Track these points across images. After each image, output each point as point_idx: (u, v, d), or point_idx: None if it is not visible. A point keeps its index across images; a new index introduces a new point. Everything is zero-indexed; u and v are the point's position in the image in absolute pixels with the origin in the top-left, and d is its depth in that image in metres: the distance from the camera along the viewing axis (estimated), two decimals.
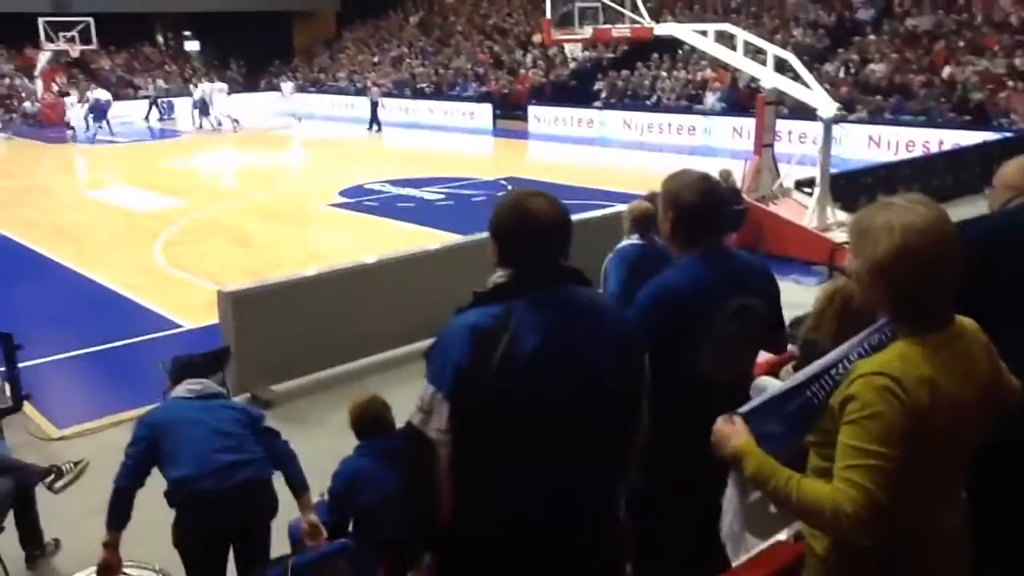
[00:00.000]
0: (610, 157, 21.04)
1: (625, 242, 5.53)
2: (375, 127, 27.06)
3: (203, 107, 28.48)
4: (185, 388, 4.08)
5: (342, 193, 16.34)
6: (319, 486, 4.11)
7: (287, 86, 28.34)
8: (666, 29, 13.28)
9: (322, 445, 6.03)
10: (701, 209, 2.82)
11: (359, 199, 15.70)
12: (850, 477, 1.91)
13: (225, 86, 30.61)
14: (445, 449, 2.09)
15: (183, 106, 30.76)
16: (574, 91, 26.01)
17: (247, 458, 3.74)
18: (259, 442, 3.86)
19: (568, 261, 2.26)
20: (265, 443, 3.89)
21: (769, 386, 3.85)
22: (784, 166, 12.02)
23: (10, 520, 4.71)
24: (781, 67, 11.61)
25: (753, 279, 2.93)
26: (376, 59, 35.92)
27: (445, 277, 8.04)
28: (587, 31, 13.20)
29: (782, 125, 15.03)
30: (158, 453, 3.77)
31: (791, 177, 12.03)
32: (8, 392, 6.51)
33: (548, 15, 13.20)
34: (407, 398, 4.12)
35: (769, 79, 11.46)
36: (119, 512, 3.72)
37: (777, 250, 10.17)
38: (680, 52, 24.72)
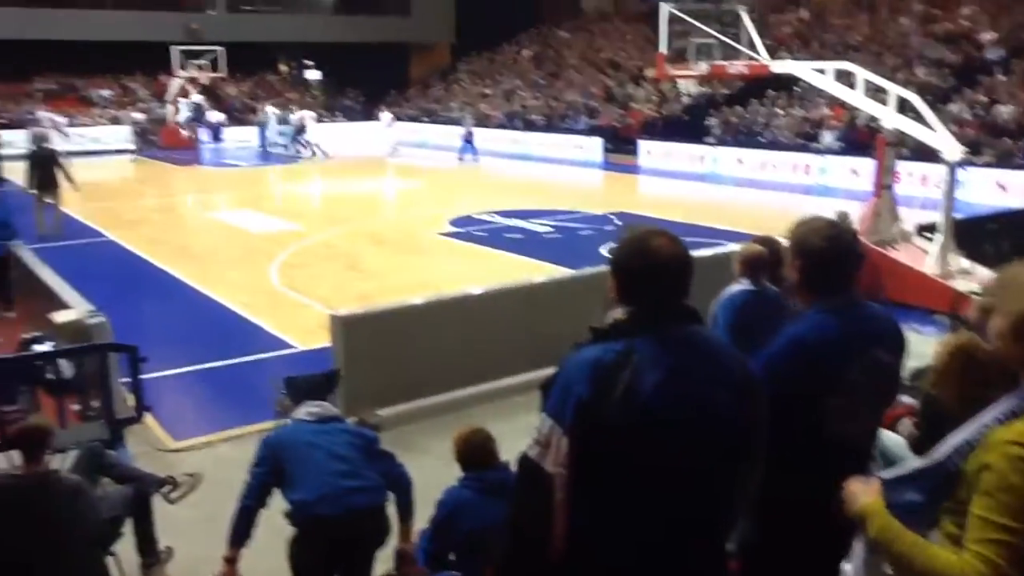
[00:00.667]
0: (722, 194, 20.77)
1: (735, 287, 5.31)
2: (469, 156, 27.47)
3: (299, 132, 29.62)
4: (305, 411, 4.18)
5: (452, 222, 16.58)
6: (422, 513, 4.15)
7: (385, 116, 29.03)
8: (784, 67, 13.07)
9: (426, 472, 6.09)
10: (830, 256, 2.74)
11: (468, 229, 15.90)
12: (980, 551, 1.83)
13: (314, 114, 31.76)
14: (562, 483, 2.09)
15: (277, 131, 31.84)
16: (686, 126, 25.84)
17: (364, 485, 3.84)
18: (374, 465, 3.93)
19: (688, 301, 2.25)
20: (380, 466, 3.97)
21: (887, 441, 3.70)
22: (904, 210, 11.62)
23: (127, 527, 4.89)
24: (903, 107, 11.25)
25: (884, 332, 2.83)
26: (489, 91, 36.50)
27: (551, 311, 8.07)
28: (702, 67, 13.06)
29: (903, 167, 14.54)
30: (280, 474, 3.90)
31: (911, 221, 11.62)
32: (131, 403, 6.81)
33: (662, 50, 13.11)
34: (511, 430, 4.16)
35: (890, 119, 11.12)
36: (241, 530, 3.85)
37: (895, 296, 9.79)
38: (796, 89, 24.29)
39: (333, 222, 16.96)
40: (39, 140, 17.77)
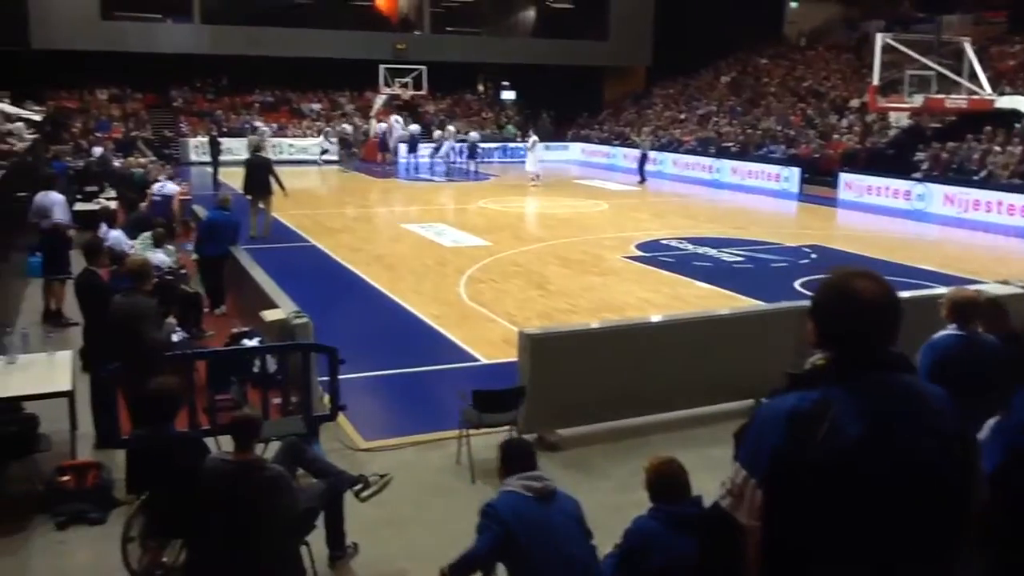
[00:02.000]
0: (928, 233, 19.57)
1: (942, 332, 4.95)
2: (640, 179, 27.66)
3: (472, 152, 30.86)
4: (522, 484, 4.02)
5: (638, 246, 16.46)
6: (598, 537, 4.09)
7: (532, 138, 29.00)
8: (1012, 102, 12.20)
9: (604, 497, 6.06)
10: None
11: (655, 254, 15.74)
12: None
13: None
14: (756, 537, 2.01)
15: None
16: (891, 160, 24.52)
17: None
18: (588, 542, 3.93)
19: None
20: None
21: None
22: None
23: (320, 520, 5.11)
24: None
25: None
26: (683, 116, 36.10)
27: (739, 344, 7.84)
28: (917, 100, 12.38)
29: None
30: (507, 551, 3.85)
31: None
32: (327, 401, 7.14)
33: (875, 81, 12.53)
34: (693, 461, 4.05)
35: None
36: (464, 569, 3.87)
37: None
38: (1017, 125, 22.55)
39: (521, 240, 17.22)
40: (255, 148, 19.12)
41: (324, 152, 29.57)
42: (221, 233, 11.45)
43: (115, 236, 10.84)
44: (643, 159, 28.16)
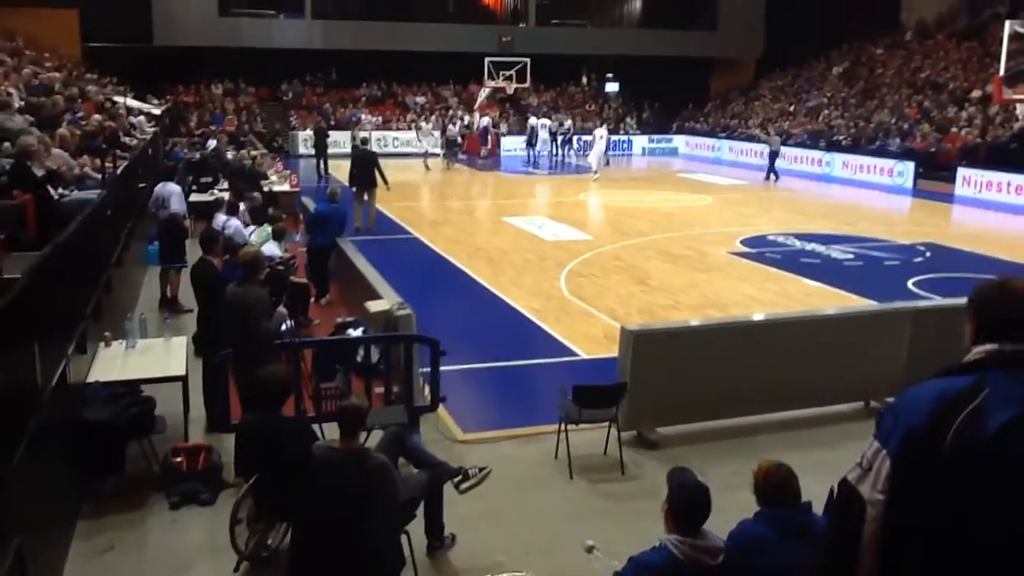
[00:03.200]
0: None
1: None
2: (772, 177, 26.81)
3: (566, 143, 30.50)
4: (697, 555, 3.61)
5: (744, 242, 16.12)
6: None
7: (599, 131, 28.15)
8: None
9: None
10: None
11: (761, 250, 15.38)
12: None
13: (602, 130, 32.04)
14: (877, 511, 1.97)
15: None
16: (1015, 154, 23.32)
17: None
18: None
19: None
20: None
21: None
22: None
23: (419, 509, 5.18)
24: None
25: None
26: (792, 108, 35.17)
27: (847, 344, 7.61)
28: None
29: None
30: None
31: None
32: (427, 392, 7.23)
33: (1001, 71, 11.91)
34: (798, 464, 3.92)
35: None
36: None
37: None
38: None
39: (622, 234, 17.08)
40: (362, 142, 19.50)
41: (427, 155, 29.45)
42: (329, 225, 11.74)
43: (235, 225, 11.24)
44: (773, 156, 27.31)
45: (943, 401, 1.95)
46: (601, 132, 27.78)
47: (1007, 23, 12.13)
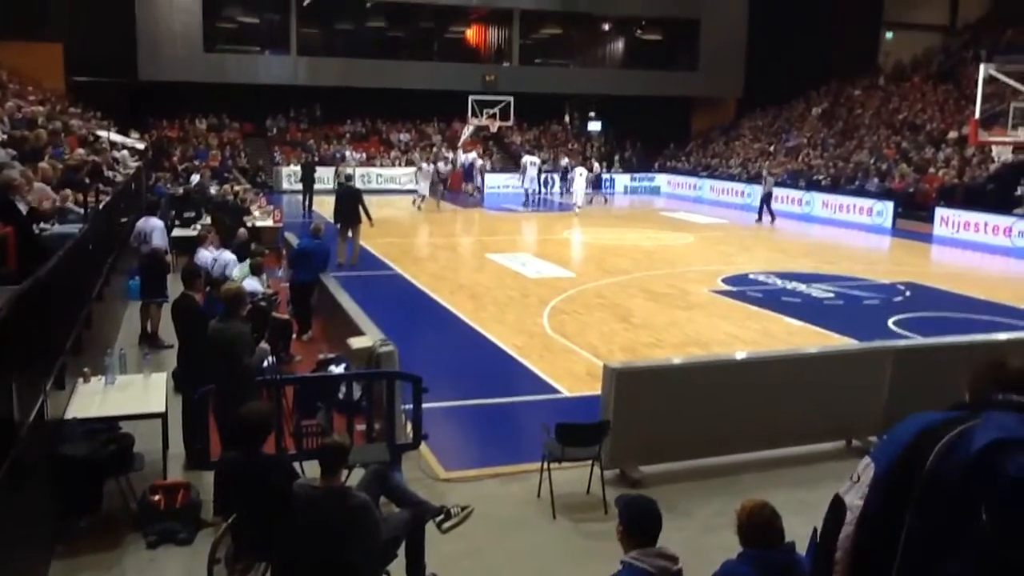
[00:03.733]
0: None
1: None
2: (768, 218, 26.41)
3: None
4: (657, 566, 3.66)
5: (725, 280, 16.21)
6: None
7: (579, 169, 28.30)
8: None
9: (687, 537, 5.92)
10: None
11: (743, 288, 15.46)
12: None
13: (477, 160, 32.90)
14: (854, 515, 2.04)
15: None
16: (991, 195, 23.65)
17: None
18: None
19: None
20: None
21: None
22: None
23: (401, 549, 5.12)
24: None
25: None
26: (772, 147, 35.59)
27: (829, 383, 7.64)
28: (1022, 133, 11.94)
29: None
30: None
31: None
32: (410, 430, 7.19)
33: (977, 114, 12.14)
34: (781, 503, 3.92)
35: None
36: None
37: None
38: None
39: (605, 272, 17.14)
40: (345, 178, 19.56)
41: (421, 198, 28.77)
42: (312, 260, 11.72)
43: (229, 259, 11.23)
44: (767, 197, 26.75)
45: (935, 423, 2.04)
46: (581, 169, 28.11)
47: (982, 66, 12.37)
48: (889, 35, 40.65)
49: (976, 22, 38.78)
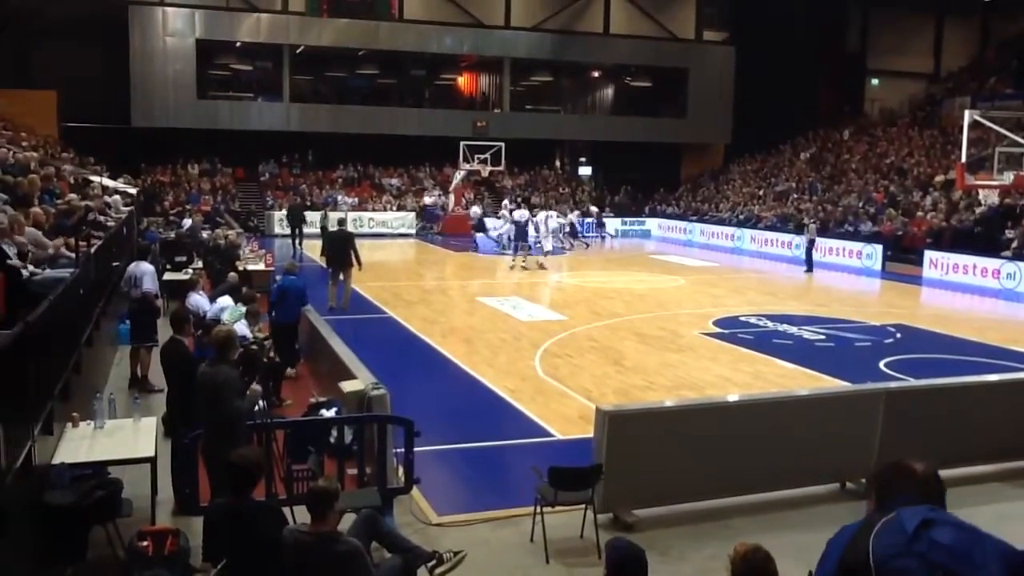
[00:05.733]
0: (1021, 313, 18.88)
1: None
2: (808, 268, 25.33)
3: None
4: None
5: (716, 323, 16.23)
6: None
7: (543, 215, 27.97)
8: None
9: None
10: None
11: (734, 331, 15.48)
12: None
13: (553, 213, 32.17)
14: None
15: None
16: (979, 238, 23.85)
17: None
18: None
19: None
20: None
21: None
22: None
23: None
24: None
25: None
26: (761, 192, 35.89)
27: (821, 425, 7.63)
28: (1007, 177, 12.08)
29: None
30: None
31: None
32: (401, 474, 7.12)
33: (963, 159, 12.29)
34: (776, 547, 3.88)
35: None
36: None
37: None
38: None
39: (596, 315, 17.15)
40: (338, 223, 19.61)
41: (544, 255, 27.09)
42: (292, 298, 11.78)
43: (224, 304, 11.21)
44: (811, 245, 25.58)
45: (858, 527, 2.49)
46: (549, 214, 28.00)
47: (967, 112, 12.55)
48: (875, 82, 41.30)
49: (959, 70, 39.47)
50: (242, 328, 10.06)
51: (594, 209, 36.24)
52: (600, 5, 38.42)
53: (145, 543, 5.89)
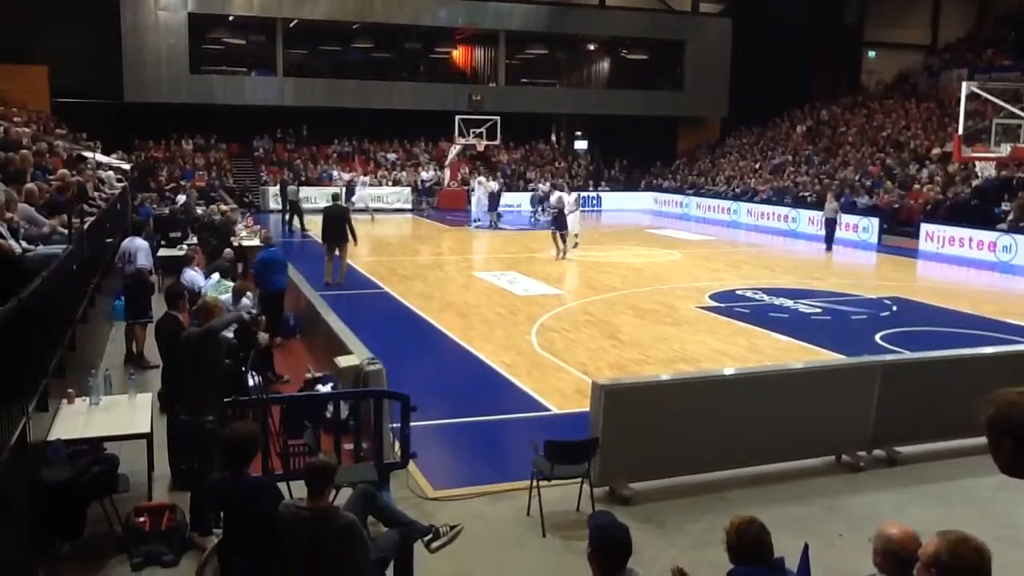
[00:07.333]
0: (1015, 286, 18.89)
1: None
2: (829, 246, 24.26)
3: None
4: None
5: (712, 297, 16.23)
6: None
7: (490, 184, 27.31)
8: None
9: (678, 554, 5.90)
10: None
11: (730, 304, 15.48)
12: None
13: (367, 178, 33.28)
14: None
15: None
16: (975, 210, 23.84)
17: None
18: None
19: None
20: None
21: None
22: None
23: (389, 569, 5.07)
24: None
25: None
26: (757, 165, 35.81)
27: (817, 398, 7.64)
28: (1004, 149, 12.03)
29: None
30: None
31: None
32: (398, 448, 7.13)
33: (960, 131, 12.23)
34: (771, 519, 3.90)
35: None
36: None
37: None
38: None
39: (593, 289, 17.14)
40: (334, 198, 19.53)
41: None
42: (273, 268, 11.85)
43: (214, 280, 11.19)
44: (832, 224, 24.45)
45: None
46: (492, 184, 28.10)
47: (964, 84, 12.47)
48: (872, 54, 41.09)
49: (957, 41, 39.26)
50: (244, 302, 10.04)
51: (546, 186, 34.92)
52: None
53: (142, 519, 5.93)
